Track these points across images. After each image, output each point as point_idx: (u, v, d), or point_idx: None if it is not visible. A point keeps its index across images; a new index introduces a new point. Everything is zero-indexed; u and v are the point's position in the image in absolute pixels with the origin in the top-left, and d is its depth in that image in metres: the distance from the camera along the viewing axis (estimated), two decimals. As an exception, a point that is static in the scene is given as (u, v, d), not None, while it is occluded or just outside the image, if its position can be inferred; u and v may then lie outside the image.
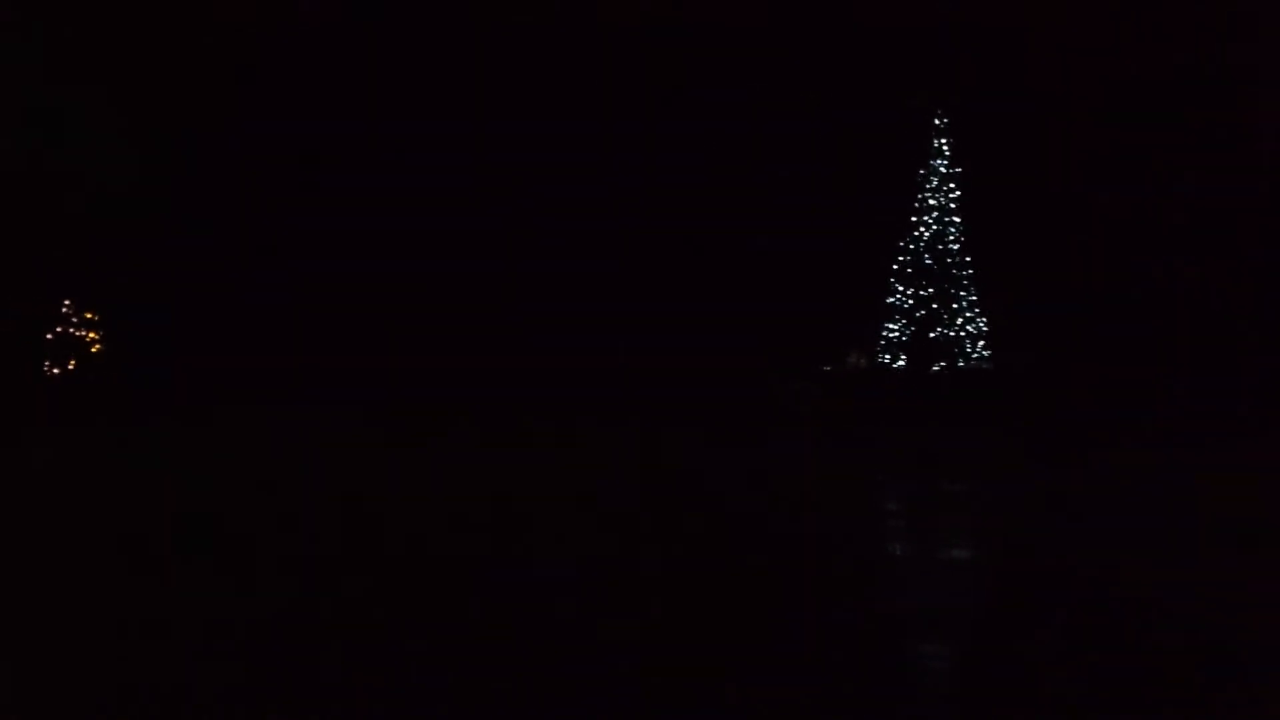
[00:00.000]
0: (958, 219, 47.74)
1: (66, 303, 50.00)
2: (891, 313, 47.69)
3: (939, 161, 48.18)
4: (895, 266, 47.91)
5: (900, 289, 47.67)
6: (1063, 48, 44.33)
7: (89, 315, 50.46)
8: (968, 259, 47.49)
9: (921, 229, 47.88)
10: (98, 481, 18.17)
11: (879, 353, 47.67)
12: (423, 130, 46.70)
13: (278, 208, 47.43)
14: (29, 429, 31.00)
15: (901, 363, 47.22)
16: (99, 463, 21.44)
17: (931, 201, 48.07)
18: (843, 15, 47.29)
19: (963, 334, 46.99)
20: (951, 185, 47.92)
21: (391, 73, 46.05)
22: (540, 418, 36.66)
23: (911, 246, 47.86)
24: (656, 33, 46.09)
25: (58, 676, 7.57)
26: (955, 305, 47.17)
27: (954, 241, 47.63)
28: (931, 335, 47.00)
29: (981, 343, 47.00)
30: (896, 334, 47.50)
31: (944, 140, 48.21)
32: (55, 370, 49.83)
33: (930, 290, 47.43)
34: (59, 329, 50.24)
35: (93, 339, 50.58)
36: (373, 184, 46.62)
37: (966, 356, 46.87)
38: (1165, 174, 42.55)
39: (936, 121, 48.40)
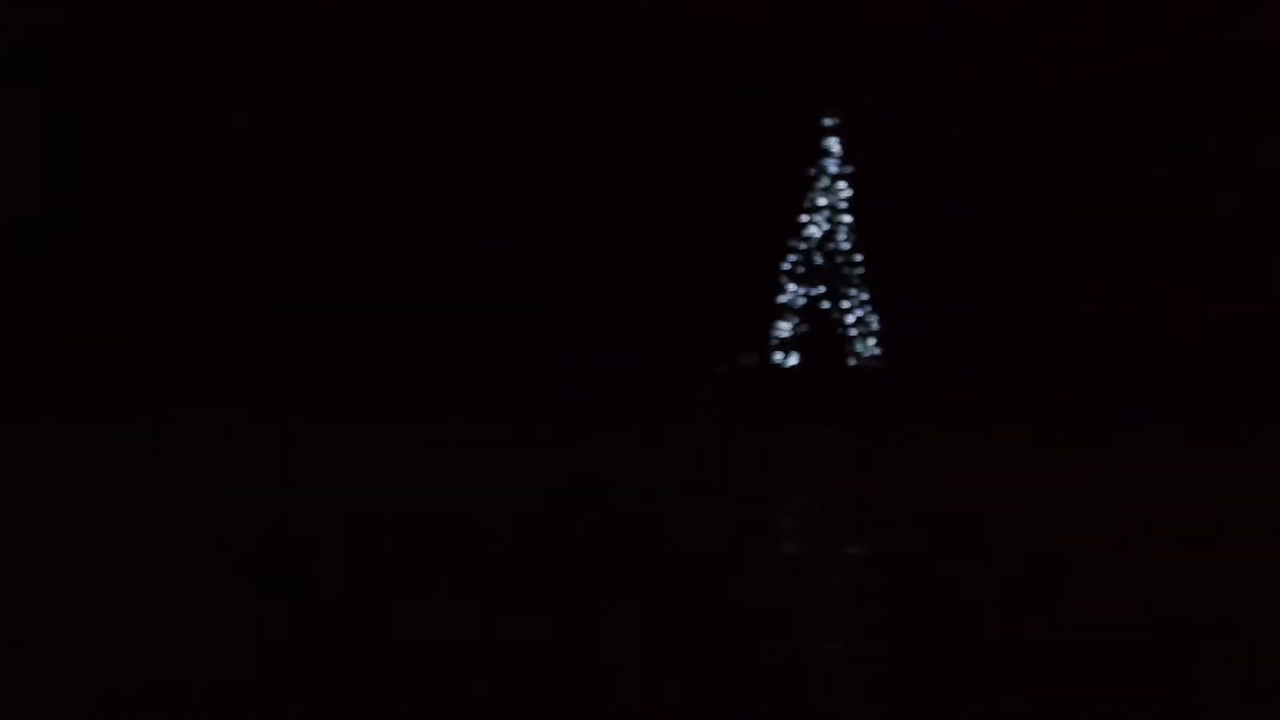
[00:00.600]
0: (848, 217, 48.42)
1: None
2: (783, 311, 48.22)
3: (828, 160, 48.78)
4: (786, 266, 48.42)
5: (791, 288, 48.21)
6: (950, 46, 45.15)
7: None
8: (858, 257, 48.18)
9: (812, 228, 48.47)
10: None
11: (771, 351, 48.13)
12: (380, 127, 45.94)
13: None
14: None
15: (794, 361, 47.76)
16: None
17: (822, 201, 48.69)
18: (730, 12, 47.56)
19: (854, 332, 47.70)
20: (842, 184, 48.57)
21: (385, 71, 45.30)
22: (424, 420, 35.79)
23: (802, 246, 48.43)
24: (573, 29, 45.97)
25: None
26: (846, 303, 47.85)
27: (845, 240, 48.30)
28: (823, 333, 47.61)
29: (872, 340, 47.73)
30: (789, 332, 48.04)
31: (833, 139, 48.80)
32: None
33: (822, 288, 48.07)
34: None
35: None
36: (321, 180, 45.78)
37: (858, 354, 47.57)
38: (1051, 169, 43.63)
39: (826, 121, 48.97)
